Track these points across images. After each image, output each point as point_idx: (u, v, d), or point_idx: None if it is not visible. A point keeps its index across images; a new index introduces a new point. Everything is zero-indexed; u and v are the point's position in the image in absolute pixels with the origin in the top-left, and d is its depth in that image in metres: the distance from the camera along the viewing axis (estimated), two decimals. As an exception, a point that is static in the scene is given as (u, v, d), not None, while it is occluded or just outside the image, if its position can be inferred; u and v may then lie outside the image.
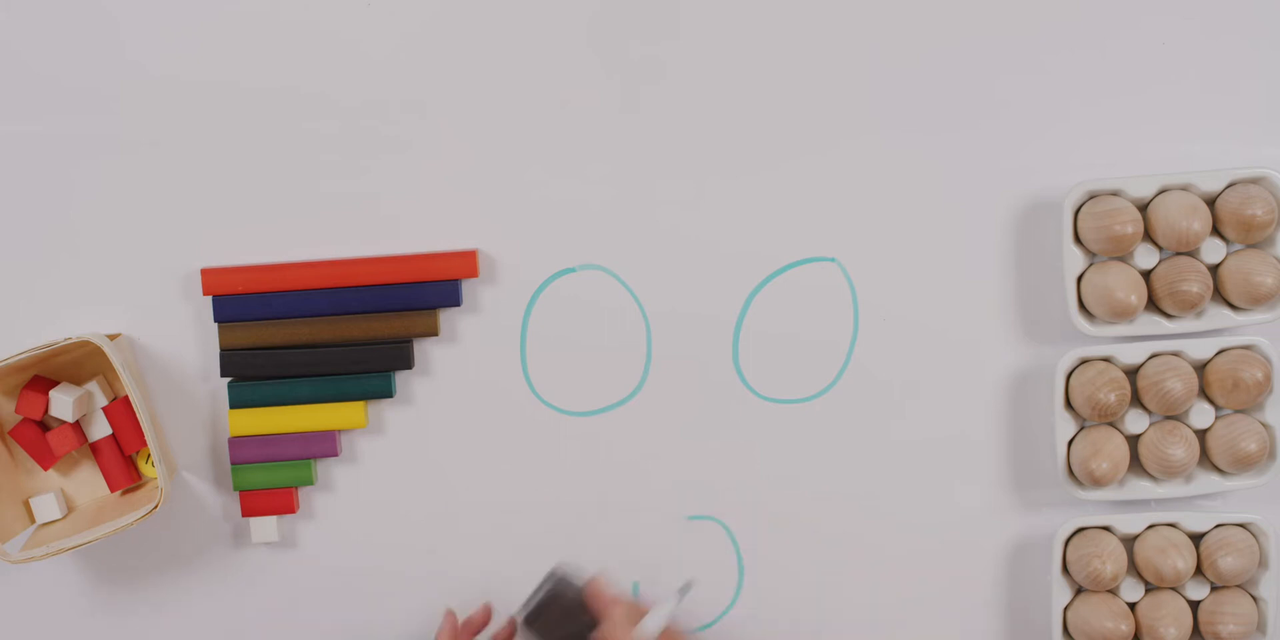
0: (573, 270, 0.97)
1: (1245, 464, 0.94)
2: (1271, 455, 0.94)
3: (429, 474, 0.98)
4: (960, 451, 0.98)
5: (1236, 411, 0.95)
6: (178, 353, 0.97)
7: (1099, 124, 0.96)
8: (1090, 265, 0.95)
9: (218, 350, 0.96)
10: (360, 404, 0.96)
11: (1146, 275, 0.94)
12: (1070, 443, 0.95)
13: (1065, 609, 0.96)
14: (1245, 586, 0.96)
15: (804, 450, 0.98)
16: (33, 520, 0.96)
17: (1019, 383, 0.97)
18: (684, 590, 0.89)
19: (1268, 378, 0.93)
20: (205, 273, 0.95)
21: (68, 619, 0.98)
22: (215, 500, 0.98)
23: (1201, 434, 0.96)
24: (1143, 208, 0.94)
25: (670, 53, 0.95)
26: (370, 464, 0.98)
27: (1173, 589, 0.96)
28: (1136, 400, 0.95)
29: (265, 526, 0.97)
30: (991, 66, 0.95)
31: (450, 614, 0.95)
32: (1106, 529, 0.96)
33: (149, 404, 0.96)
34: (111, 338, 0.94)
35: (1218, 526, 0.95)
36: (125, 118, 0.95)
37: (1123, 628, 0.94)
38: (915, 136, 0.96)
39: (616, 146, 0.96)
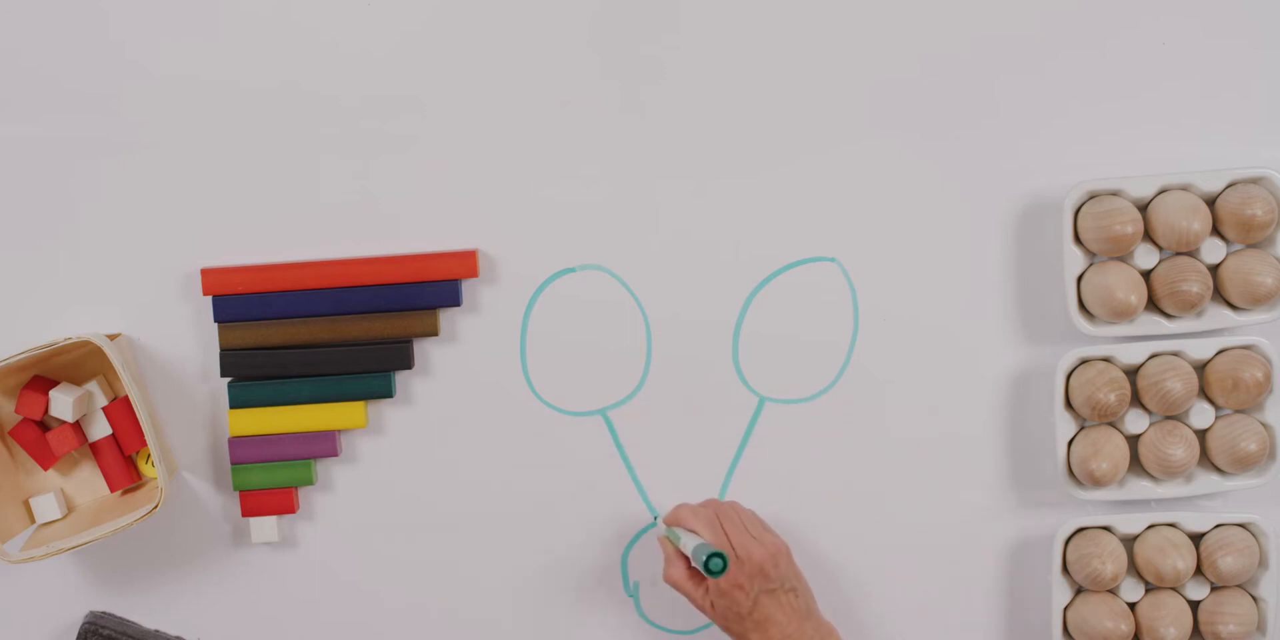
0: (573, 270, 0.97)
1: (1245, 464, 0.94)
2: (1271, 455, 0.94)
3: (429, 474, 0.98)
4: (960, 451, 0.98)
5: (1236, 411, 0.95)
6: (178, 353, 0.97)
7: (1099, 124, 0.96)
8: (1090, 265, 0.95)
9: (218, 350, 0.96)
10: (360, 404, 0.96)
11: (1146, 275, 0.94)
12: (1070, 443, 0.95)
13: (1065, 609, 0.96)
14: (1245, 586, 0.96)
15: (804, 450, 0.98)
16: (33, 520, 0.96)
17: (1019, 383, 0.97)
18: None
19: (1268, 378, 0.93)
20: (205, 273, 0.95)
21: (68, 619, 0.98)
22: (215, 500, 0.98)
23: (1201, 434, 0.96)
24: (1143, 208, 0.94)
25: (670, 53, 0.95)
26: (370, 464, 0.98)
27: (1173, 589, 0.96)
28: (1136, 400, 0.95)
29: (265, 526, 0.97)
30: (991, 67, 0.95)
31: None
32: (1106, 529, 0.96)
33: (149, 404, 0.96)
34: (111, 338, 0.94)
35: (1218, 526, 0.95)
36: (125, 118, 0.95)
37: (1123, 628, 0.94)
38: (915, 136, 0.96)
39: (616, 147, 0.96)
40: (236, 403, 0.96)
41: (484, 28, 0.95)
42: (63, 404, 0.93)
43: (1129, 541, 0.96)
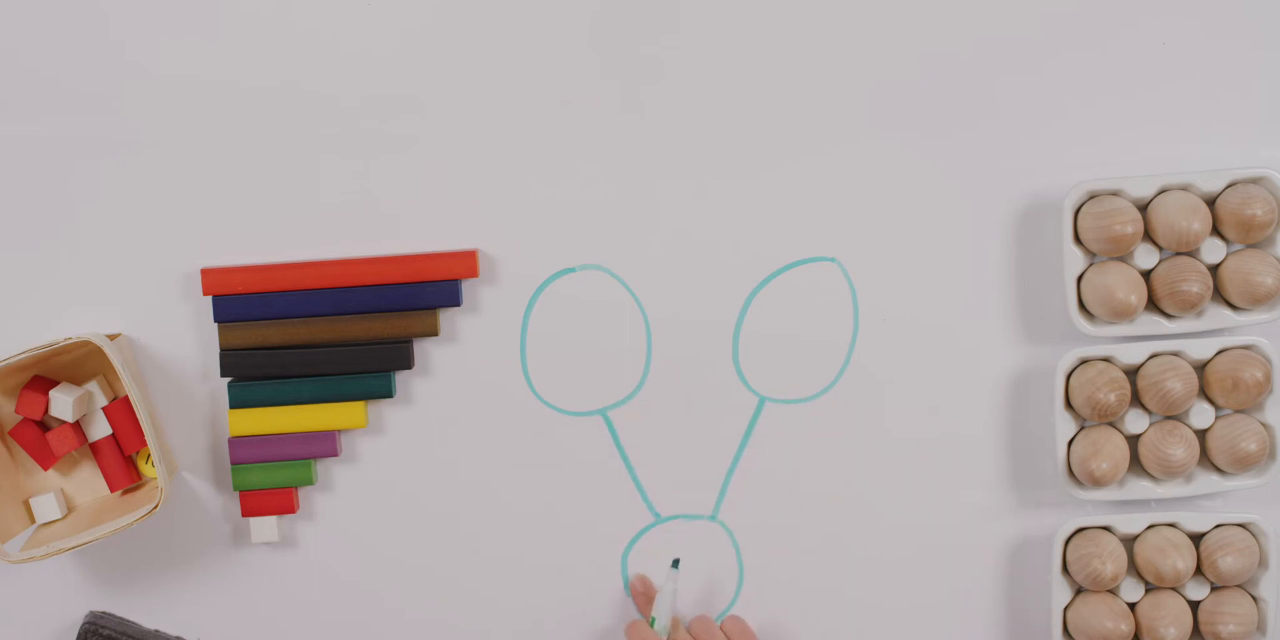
0: (573, 270, 0.97)
1: (1245, 464, 0.94)
2: (1271, 455, 0.94)
3: (429, 474, 0.98)
4: (960, 451, 0.98)
5: (1236, 411, 0.95)
6: (178, 353, 0.97)
7: (1099, 124, 0.96)
8: (1090, 265, 0.95)
9: (218, 350, 0.96)
10: (360, 404, 0.96)
11: (1146, 275, 0.94)
12: (1070, 443, 0.95)
13: (1065, 609, 0.96)
14: (1245, 586, 0.96)
15: (804, 450, 0.98)
16: (33, 520, 0.96)
17: (1019, 383, 0.97)
18: (675, 565, 0.97)
19: (1268, 378, 0.93)
20: (205, 273, 0.95)
21: (68, 619, 0.98)
22: (215, 500, 0.98)
23: (1201, 434, 0.96)
24: (1143, 208, 0.94)
25: (670, 53, 0.95)
26: (370, 464, 0.98)
27: (1173, 589, 0.96)
28: (1136, 400, 0.95)
29: (265, 526, 0.97)
30: (991, 67, 0.95)
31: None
32: (1106, 529, 0.96)
33: (149, 404, 0.96)
34: (111, 338, 0.94)
35: (1218, 526, 0.95)
36: (125, 118, 0.95)
37: (1123, 628, 0.94)
38: (915, 136, 0.96)
39: (616, 146, 0.96)
40: (236, 403, 0.96)
41: (484, 28, 0.95)
42: (63, 404, 0.93)
43: (1129, 541, 0.96)
